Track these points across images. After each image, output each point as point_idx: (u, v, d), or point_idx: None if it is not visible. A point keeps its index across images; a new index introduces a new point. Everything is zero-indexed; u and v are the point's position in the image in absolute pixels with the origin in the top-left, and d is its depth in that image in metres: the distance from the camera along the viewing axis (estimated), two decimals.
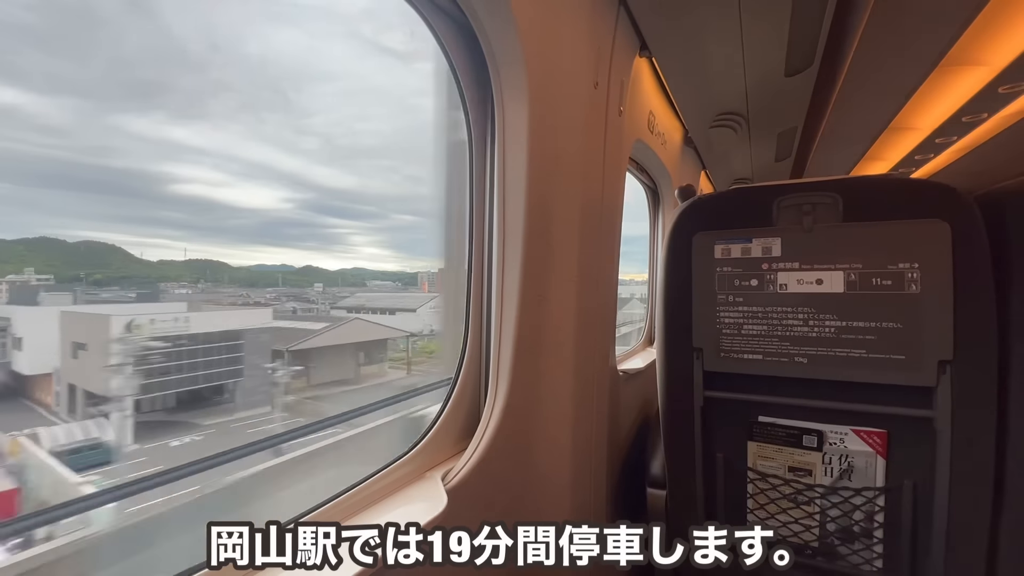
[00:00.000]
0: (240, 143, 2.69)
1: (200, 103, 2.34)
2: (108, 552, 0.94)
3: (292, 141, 3.35)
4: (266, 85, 2.99)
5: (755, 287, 1.17)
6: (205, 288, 2.69)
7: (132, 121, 1.93)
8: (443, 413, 1.15)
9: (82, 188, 1.79)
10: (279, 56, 2.74)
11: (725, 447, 1.23)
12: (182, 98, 2.13)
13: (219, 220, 2.82)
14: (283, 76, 3.05)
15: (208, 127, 2.41)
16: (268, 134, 3.12)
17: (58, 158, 1.57)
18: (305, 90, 3.32)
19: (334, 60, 3.02)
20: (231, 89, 2.70)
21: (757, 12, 1.36)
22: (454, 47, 1.08)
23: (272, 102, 3.23)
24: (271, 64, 2.83)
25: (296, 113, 3.48)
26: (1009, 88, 2.12)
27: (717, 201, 1.28)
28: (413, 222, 4.01)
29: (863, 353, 1.07)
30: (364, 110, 4.55)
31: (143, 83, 1.87)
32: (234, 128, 2.66)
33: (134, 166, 2.05)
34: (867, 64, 1.80)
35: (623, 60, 1.36)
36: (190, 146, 2.34)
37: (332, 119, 3.88)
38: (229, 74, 2.61)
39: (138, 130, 1.98)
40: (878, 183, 1.15)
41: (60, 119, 1.50)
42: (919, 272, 1.02)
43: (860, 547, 1.12)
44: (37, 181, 1.46)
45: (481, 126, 1.15)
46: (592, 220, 1.30)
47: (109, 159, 1.90)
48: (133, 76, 1.82)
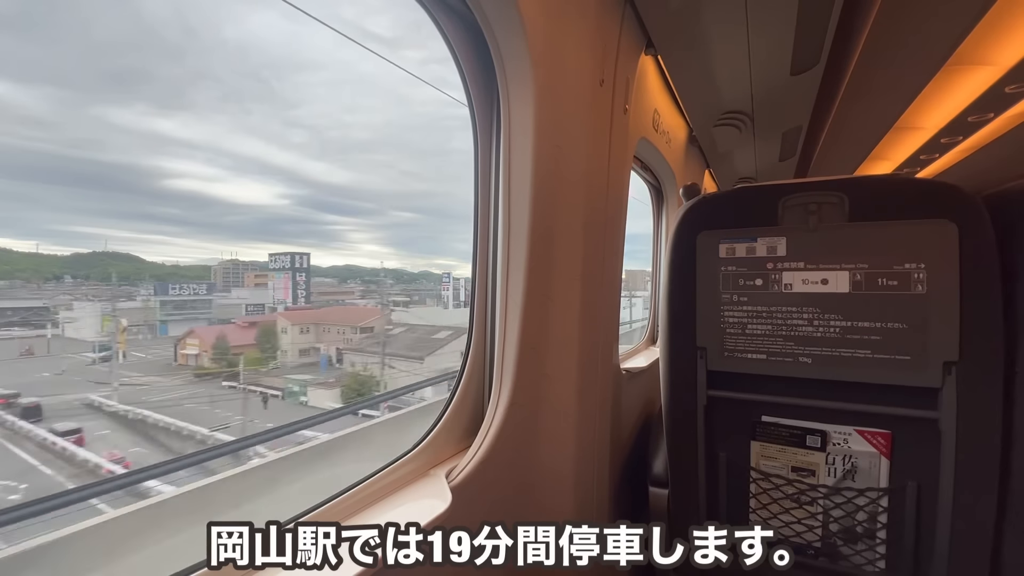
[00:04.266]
0: (240, 137, 2.68)
1: (200, 94, 2.33)
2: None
3: (311, 137, 3.37)
4: (285, 86, 3.00)
5: (760, 287, 1.16)
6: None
7: (115, 113, 1.91)
8: (447, 410, 1.15)
9: (73, 183, 1.78)
10: (288, 54, 2.73)
11: (728, 447, 1.22)
12: (167, 87, 2.10)
13: (216, 216, 2.81)
14: (302, 81, 3.06)
15: (196, 118, 2.40)
16: (280, 132, 3.13)
17: (45, 151, 1.55)
18: (341, 92, 3.35)
19: (363, 59, 3.03)
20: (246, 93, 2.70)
21: (764, 10, 1.35)
22: (460, 44, 1.07)
23: (294, 102, 3.23)
24: (280, 64, 2.83)
25: (328, 107, 3.50)
26: (1015, 88, 2.10)
27: (722, 200, 1.27)
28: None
29: (868, 353, 1.06)
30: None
31: (121, 71, 1.85)
32: (240, 122, 2.66)
33: (123, 160, 2.04)
34: (873, 63, 1.79)
35: (629, 58, 1.36)
36: (178, 139, 2.33)
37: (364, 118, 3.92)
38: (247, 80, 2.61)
39: (123, 122, 1.97)
40: (884, 183, 1.14)
41: (40, 110, 1.47)
42: (925, 272, 1.01)
43: (863, 548, 1.12)
44: (24, 175, 1.44)
45: (486, 123, 1.14)
46: (597, 218, 1.29)
47: (98, 153, 1.89)
48: (111, 64, 1.79)
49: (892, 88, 2.11)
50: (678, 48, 1.55)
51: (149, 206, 3.74)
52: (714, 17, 1.38)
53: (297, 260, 2.84)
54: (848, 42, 1.67)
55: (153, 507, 0.95)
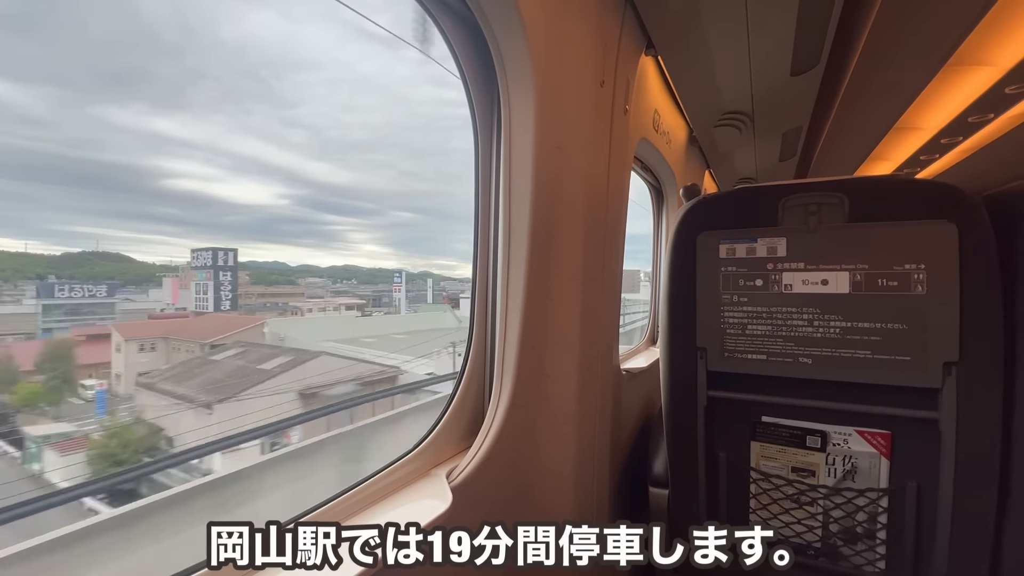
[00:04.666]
0: (239, 136, 2.68)
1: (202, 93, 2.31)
2: None
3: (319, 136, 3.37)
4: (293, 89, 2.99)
5: (760, 287, 1.16)
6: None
7: (113, 112, 1.89)
8: (448, 410, 1.15)
9: (73, 183, 1.77)
10: (285, 52, 2.73)
11: (728, 447, 1.22)
12: (167, 86, 2.08)
13: (216, 216, 2.81)
14: (301, 80, 3.06)
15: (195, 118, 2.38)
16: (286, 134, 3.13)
17: (48, 151, 1.54)
18: (353, 93, 3.36)
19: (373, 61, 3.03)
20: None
21: (764, 11, 1.35)
22: (461, 45, 1.07)
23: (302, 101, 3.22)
24: (279, 63, 2.83)
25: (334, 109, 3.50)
26: (1016, 88, 2.10)
27: (722, 200, 1.27)
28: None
29: (868, 354, 1.06)
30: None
31: (120, 70, 1.83)
32: (239, 122, 2.65)
33: (123, 160, 2.03)
34: (873, 63, 1.79)
35: (629, 58, 1.36)
36: (177, 138, 2.31)
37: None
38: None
39: (122, 122, 1.95)
40: (884, 183, 1.14)
41: (39, 109, 1.45)
42: (925, 273, 1.01)
43: (863, 548, 1.12)
44: (25, 175, 1.42)
45: (487, 124, 1.15)
46: (597, 218, 1.29)
47: (96, 152, 1.88)
48: (109, 63, 1.77)
49: (892, 89, 2.12)
50: (678, 49, 1.55)
51: (148, 206, 3.63)
52: (714, 18, 1.38)
53: (221, 257, 2.59)
54: (848, 43, 1.67)
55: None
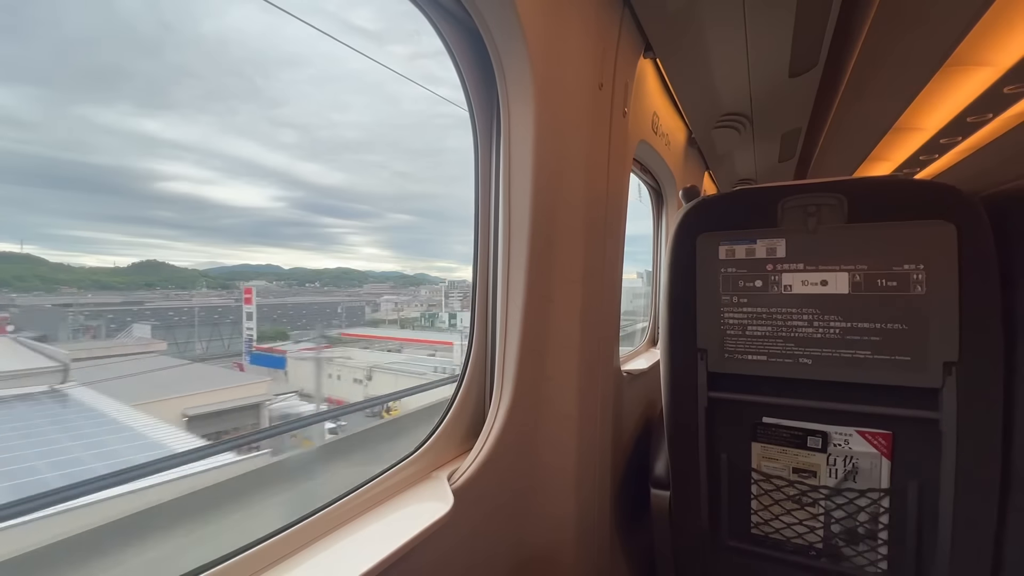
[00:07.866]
0: (229, 138, 2.65)
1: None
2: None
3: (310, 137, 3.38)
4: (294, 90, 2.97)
5: (759, 288, 1.17)
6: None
7: (96, 112, 1.85)
8: (449, 413, 1.15)
9: (65, 187, 1.75)
10: (269, 48, 2.71)
11: (729, 448, 1.22)
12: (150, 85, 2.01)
13: (211, 220, 2.80)
14: (304, 76, 3.04)
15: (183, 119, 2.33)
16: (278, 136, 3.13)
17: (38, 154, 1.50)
18: (346, 97, 3.33)
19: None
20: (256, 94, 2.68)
21: (762, 12, 1.36)
22: (459, 48, 1.08)
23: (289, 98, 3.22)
24: (264, 60, 2.81)
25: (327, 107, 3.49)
26: (1014, 88, 2.11)
27: (721, 202, 1.28)
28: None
29: (868, 354, 1.06)
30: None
31: (100, 68, 1.77)
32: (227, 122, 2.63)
33: (114, 162, 1.99)
34: (872, 64, 1.80)
35: (627, 61, 1.36)
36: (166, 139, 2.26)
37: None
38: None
39: (107, 122, 1.91)
40: (883, 184, 1.14)
41: (23, 110, 1.40)
42: (924, 273, 1.02)
43: (865, 548, 1.12)
44: (16, 178, 1.39)
45: (486, 127, 1.15)
46: (597, 221, 1.30)
47: (89, 155, 1.85)
48: (89, 61, 1.71)
49: (891, 89, 2.12)
50: (677, 51, 1.55)
51: (146, 210, 3.56)
52: (712, 20, 1.39)
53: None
54: (847, 43, 1.68)
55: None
